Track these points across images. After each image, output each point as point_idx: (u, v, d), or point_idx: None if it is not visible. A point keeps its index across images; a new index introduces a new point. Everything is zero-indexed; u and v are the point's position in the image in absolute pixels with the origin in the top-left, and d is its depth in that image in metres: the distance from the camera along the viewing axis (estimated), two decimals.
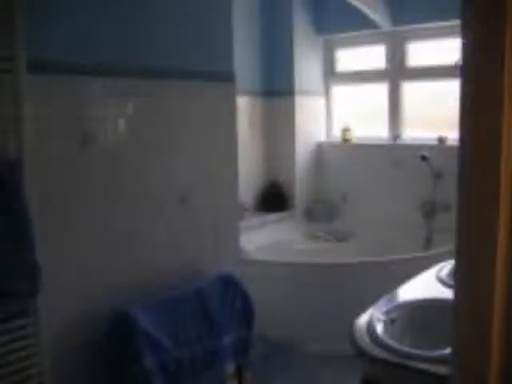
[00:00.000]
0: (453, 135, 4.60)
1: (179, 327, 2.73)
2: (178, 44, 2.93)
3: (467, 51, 1.12)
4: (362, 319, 2.17)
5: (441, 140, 4.85)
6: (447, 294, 2.20)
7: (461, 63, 1.14)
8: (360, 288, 3.83)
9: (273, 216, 5.29)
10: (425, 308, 2.26)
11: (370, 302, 2.31)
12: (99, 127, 2.61)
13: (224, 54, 3.20)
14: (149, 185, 2.84)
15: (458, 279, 1.23)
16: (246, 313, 3.04)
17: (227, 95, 3.26)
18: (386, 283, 2.55)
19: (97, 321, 2.59)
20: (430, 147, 4.84)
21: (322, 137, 5.73)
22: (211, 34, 3.11)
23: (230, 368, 3.00)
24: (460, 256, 1.20)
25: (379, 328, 2.07)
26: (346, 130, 5.50)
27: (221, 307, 2.94)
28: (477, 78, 1.11)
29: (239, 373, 3.05)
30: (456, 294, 1.22)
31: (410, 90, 5.20)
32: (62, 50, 2.43)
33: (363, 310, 2.24)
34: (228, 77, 3.23)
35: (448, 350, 1.52)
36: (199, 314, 2.84)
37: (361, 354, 2.00)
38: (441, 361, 1.74)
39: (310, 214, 5.59)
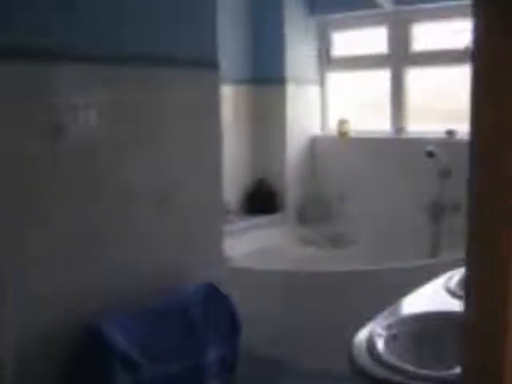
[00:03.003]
0: (463, 128, 4.61)
1: (157, 342, 2.72)
2: (156, 27, 2.92)
3: (480, 33, 1.12)
4: (361, 334, 2.17)
5: (449, 134, 4.86)
6: (456, 306, 2.21)
7: (472, 47, 1.14)
8: (359, 299, 3.84)
9: (261, 219, 5.29)
10: (431, 322, 2.26)
11: (370, 314, 2.31)
12: (70, 119, 2.60)
13: (206, 38, 3.19)
14: (124, 183, 2.83)
15: (468, 289, 1.23)
16: (232, 326, 3.03)
17: (210, 84, 3.24)
18: (387, 294, 2.55)
19: (64, 337, 2.57)
20: (438, 142, 4.85)
21: (316, 130, 5.73)
22: (192, 17, 3.10)
23: None
24: (471, 263, 1.20)
25: (380, 344, 2.08)
26: (343, 123, 5.51)
27: (203, 320, 2.93)
28: (491, 63, 1.10)
29: None
30: (466, 307, 1.22)
31: (415, 78, 5.21)
32: (29, 34, 2.42)
33: (362, 324, 2.25)
34: (211, 63, 3.22)
35: (457, 370, 1.52)
36: (180, 328, 2.83)
37: (360, 373, 2.00)
38: (449, 381, 1.74)
39: (303, 217, 5.59)
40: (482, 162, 1.14)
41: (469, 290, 1.22)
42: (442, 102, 4.98)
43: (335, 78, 5.71)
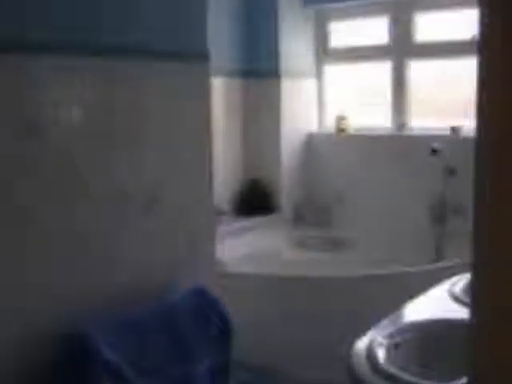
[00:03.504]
0: (469, 124, 4.61)
1: (145, 352, 2.71)
2: (142, 17, 2.91)
3: (486, 23, 1.12)
4: (361, 343, 2.17)
5: (454, 130, 4.86)
6: (462, 313, 2.20)
7: (479, 38, 1.14)
8: (358, 306, 3.83)
9: (255, 220, 5.28)
10: (435, 330, 2.26)
11: (371, 322, 2.31)
12: (48, 115, 2.59)
13: (196, 28, 3.18)
14: (111, 183, 2.82)
15: (475, 296, 1.23)
16: (224, 335, 3.03)
17: (199, 77, 3.23)
18: (388, 301, 2.55)
19: (46, 345, 2.57)
20: (442, 138, 4.85)
21: (313, 126, 5.72)
22: (181, 5, 3.09)
23: None
24: (477, 268, 1.20)
25: (381, 354, 2.07)
26: (341, 119, 5.50)
27: (194, 328, 2.92)
28: (498, 55, 1.10)
29: None
30: (472, 314, 1.22)
31: (418, 70, 5.21)
32: (4, 24, 2.41)
33: (362, 332, 2.24)
34: (201, 55, 3.21)
35: (463, 381, 1.51)
36: (169, 337, 2.83)
37: (359, 383, 2.00)
38: None
39: (299, 218, 5.59)
40: (488, 157, 1.14)
41: (475, 295, 1.22)
42: (447, 97, 4.97)
43: (333, 71, 5.69)
